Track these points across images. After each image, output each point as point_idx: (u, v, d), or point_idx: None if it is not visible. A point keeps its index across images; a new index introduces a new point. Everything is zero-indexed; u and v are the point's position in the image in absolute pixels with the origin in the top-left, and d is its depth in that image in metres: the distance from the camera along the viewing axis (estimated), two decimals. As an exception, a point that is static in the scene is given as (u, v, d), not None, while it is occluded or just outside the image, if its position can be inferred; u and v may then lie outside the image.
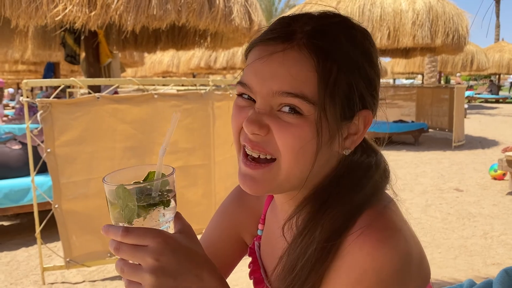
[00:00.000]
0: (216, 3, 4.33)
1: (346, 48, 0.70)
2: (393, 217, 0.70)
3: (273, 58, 0.68)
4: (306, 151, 0.69)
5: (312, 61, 0.67)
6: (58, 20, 3.93)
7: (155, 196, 0.66)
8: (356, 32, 0.73)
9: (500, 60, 22.51)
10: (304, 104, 0.67)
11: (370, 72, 0.73)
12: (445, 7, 8.65)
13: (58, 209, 3.13)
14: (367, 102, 0.73)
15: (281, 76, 0.67)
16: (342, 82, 0.68)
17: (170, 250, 0.64)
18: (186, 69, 15.50)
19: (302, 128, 0.68)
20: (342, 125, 0.71)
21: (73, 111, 3.08)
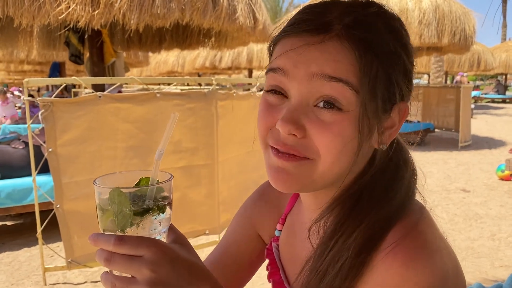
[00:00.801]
0: (220, 2, 4.30)
1: (386, 39, 0.66)
2: (428, 233, 0.64)
3: (311, 49, 0.63)
4: (347, 149, 0.64)
5: (354, 54, 0.62)
6: (61, 19, 3.91)
7: (149, 203, 0.61)
8: (394, 22, 0.69)
9: (507, 60, 22.34)
10: (347, 92, 0.62)
11: (407, 62, 0.69)
12: (451, 6, 8.57)
13: (60, 209, 3.10)
14: (404, 94, 0.69)
15: (322, 61, 0.63)
16: (383, 75, 0.64)
17: (168, 260, 0.58)
18: (191, 69, 15.49)
19: (342, 126, 0.63)
20: (380, 119, 0.66)
21: (75, 110, 3.06)
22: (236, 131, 3.99)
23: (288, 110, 0.64)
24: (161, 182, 0.63)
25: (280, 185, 0.67)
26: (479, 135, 11.34)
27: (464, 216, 4.84)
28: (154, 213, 0.61)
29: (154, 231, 0.62)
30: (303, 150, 0.64)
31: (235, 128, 3.96)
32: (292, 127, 0.63)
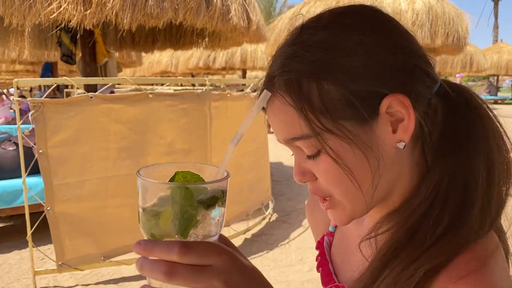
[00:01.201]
0: (214, 2, 4.27)
1: (313, 58, 0.60)
2: (497, 273, 0.55)
3: (268, 113, 0.66)
4: (346, 180, 0.62)
5: (285, 100, 0.61)
6: (52, 18, 3.85)
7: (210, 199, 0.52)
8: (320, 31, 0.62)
9: (498, 61, 22.51)
10: (307, 142, 0.62)
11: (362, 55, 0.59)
12: (444, 7, 8.61)
13: (51, 211, 3.05)
14: (383, 87, 0.60)
15: (278, 127, 0.65)
16: (330, 92, 0.59)
17: (237, 269, 0.52)
18: (184, 69, 15.43)
19: (325, 164, 0.62)
20: (368, 128, 0.60)
21: (66, 111, 3.02)
22: (230, 132, 3.96)
23: (295, 163, 0.68)
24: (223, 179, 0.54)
25: (337, 223, 0.70)
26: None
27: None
28: (219, 204, 0.53)
29: (212, 231, 0.54)
30: (320, 191, 0.67)
31: (229, 129, 3.93)
32: (299, 177, 0.67)
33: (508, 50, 23.11)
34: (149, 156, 3.34)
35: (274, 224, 4.68)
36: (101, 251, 3.27)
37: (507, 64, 22.55)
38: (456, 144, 0.62)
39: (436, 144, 0.63)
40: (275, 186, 5.79)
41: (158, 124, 3.37)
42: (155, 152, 3.36)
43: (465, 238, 0.57)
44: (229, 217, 4.04)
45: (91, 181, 3.15)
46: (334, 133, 0.60)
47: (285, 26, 9.25)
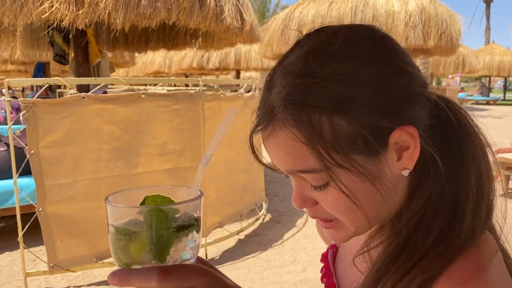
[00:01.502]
0: (207, 2, 4.26)
1: (325, 90, 0.57)
2: (494, 282, 0.55)
3: (269, 142, 0.62)
4: (355, 209, 0.61)
5: (293, 134, 0.58)
6: (44, 18, 3.83)
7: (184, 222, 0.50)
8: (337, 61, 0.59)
9: (490, 62, 22.71)
10: (316, 177, 0.61)
11: (385, 83, 0.59)
12: (437, 9, 8.65)
13: (42, 212, 3.03)
14: (393, 121, 0.59)
15: (282, 159, 0.62)
16: (342, 127, 0.57)
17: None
18: (178, 69, 15.38)
19: (335, 195, 0.61)
20: (378, 160, 0.60)
21: (58, 111, 2.99)
22: (224, 132, 3.95)
23: (294, 189, 0.66)
24: (195, 199, 0.53)
25: (337, 242, 0.74)
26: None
27: (450, 218, 4.87)
28: (191, 233, 0.51)
29: (187, 257, 0.52)
30: (322, 214, 0.66)
31: (222, 129, 3.92)
32: (299, 204, 0.65)
33: (499, 52, 23.32)
34: (141, 157, 3.32)
35: (267, 224, 4.68)
36: (93, 252, 3.25)
37: (499, 65, 22.75)
38: (447, 160, 0.62)
39: (428, 162, 0.62)
40: (269, 186, 5.79)
41: (151, 124, 3.35)
42: (148, 153, 3.35)
43: (457, 247, 0.57)
44: (223, 218, 4.03)
45: (84, 182, 3.13)
46: (345, 168, 0.58)
47: (278, 27, 9.26)
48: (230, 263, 3.70)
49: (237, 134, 4.33)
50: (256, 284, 3.33)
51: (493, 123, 4.61)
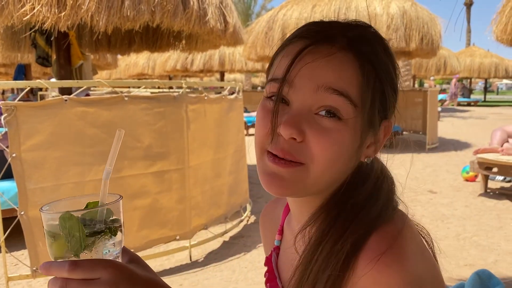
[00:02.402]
0: (191, 4, 4.27)
1: (382, 57, 0.71)
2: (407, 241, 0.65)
3: (316, 55, 0.67)
4: (341, 158, 0.68)
5: (357, 63, 0.67)
6: (25, 20, 3.80)
7: (100, 226, 0.60)
8: (388, 44, 0.75)
9: (471, 64, 23.12)
10: (347, 105, 0.66)
11: (396, 83, 0.74)
12: (418, 11, 8.80)
13: (24, 216, 3.00)
14: (391, 112, 0.75)
15: (326, 72, 0.66)
16: (379, 90, 0.70)
17: (125, 279, 0.59)
18: (162, 71, 15.33)
19: (342, 134, 0.66)
20: (372, 133, 0.72)
21: (40, 114, 2.97)
22: (210, 135, 3.96)
23: (290, 115, 0.66)
24: (109, 203, 0.62)
25: (274, 189, 0.69)
26: (445, 137, 11.66)
27: (431, 217, 4.96)
28: (106, 236, 0.60)
29: (107, 253, 0.61)
30: (299, 154, 0.67)
31: (209, 132, 3.94)
32: (294, 131, 0.65)
33: (480, 54, 23.77)
34: (126, 160, 3.32)
35: (251, 226, 4.71)
36: (76, 256, 3.22)
37: (479, 67, 23.18)
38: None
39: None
40: (253, 188, 5.81)
41: (135, 127, 3.35)
42: (132, 156, 3.34)
43: (376, 213, 0.68)
44: (208, 220, 4.04)
45: (67, 185, 3.11)
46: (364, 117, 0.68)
47: (262, 29, 9.31)
48: (214, 264, 3.71)
49: (224, 137, 4.37)
50: (241, 285, 3.35)
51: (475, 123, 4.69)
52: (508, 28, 5.78)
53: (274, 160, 0.68)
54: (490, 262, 3.71)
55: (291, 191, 0.70)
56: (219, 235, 4.23)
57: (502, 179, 6.35)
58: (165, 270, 3.60)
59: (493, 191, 6.03)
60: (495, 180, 6.38)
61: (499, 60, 23.66)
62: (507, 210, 5.22)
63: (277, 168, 0.68)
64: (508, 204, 5.45)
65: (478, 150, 5.83)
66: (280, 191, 0.69)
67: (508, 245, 4.09)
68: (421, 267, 0.63)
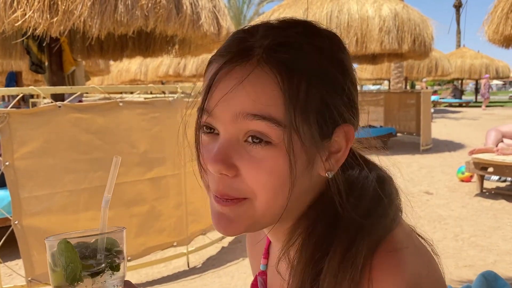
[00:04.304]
0: (184, 9, 4.25)
1: (313, 59, 0.61)
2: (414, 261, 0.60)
3: (231, 78, 0.59)
4: (284, 184, 0.60)
5: (276, 78, 0.58)
6: (17, 26, 3.75)
7: (100, 258, 0.57)
8: (323, 39, 0.65)
9: (462, 66, 23.29)
10: (272, 129, 0.58)
11: (345, 81, 0.64)
12: (410, 14, 8.85)
13: (18, 225, 2.94)
14: (345, 116, 0.64)
15: (243, 97, 0.58)
16: (314, 97, 0.60)
17: None
18: (154, 77, 15.29)
19: (276, 161, 0.59)
20: (321, 146, 0.63)
21: (33, 121, 2.92)
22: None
23: (218, 149, 0.61)
24: (111, 232, 0.60)
25: (223, 230, 0.64)
26: (439, 138, 11.70)
27: (428, 218, 4.95)
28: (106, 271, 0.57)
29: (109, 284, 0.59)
30: (236, 193, 0.61)
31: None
32: (222, 167, 0.60)
33: (470, 55, 23.96)
34: (121, 167, 3.23)
35: (249, 231, 4.66)
36: (72, 265, 3.17)
37: (470, 68, 23.36)
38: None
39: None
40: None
41: (130, 133, 3.31)
42: (128, 162, 3.30)
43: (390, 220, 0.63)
44: (206, 225, 4.00)
45: (62, 193, 3.06)
46: (300, 136, 0.59)
47: (255, 33, 9.30)
48: (212, 270, 3.67)
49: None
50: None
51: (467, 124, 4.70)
52: (500, 29, 5.82)
53: (216, 199, 0.63)
54: (489, 262, 3.70)
55: (241, 229, 0.64)
56: (217, 240, 4.19)
57: (497, 179, 6.37)
58: (162, 277, 3.55)
59: (489, 191, 6.04)
60: (490, 180, 6.40)
61: (489, 61, 23.87)
62: (503, 210, 5.23)
63: (221, 208, 0.63)
64: (505, 203, 5.46)
65: (473, 150, 5.84)
66: (229, 231, 0.64)
67: (507, 245, 4.09)
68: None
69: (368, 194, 0.66)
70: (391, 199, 0.68)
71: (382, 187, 0.68)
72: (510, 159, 5.35)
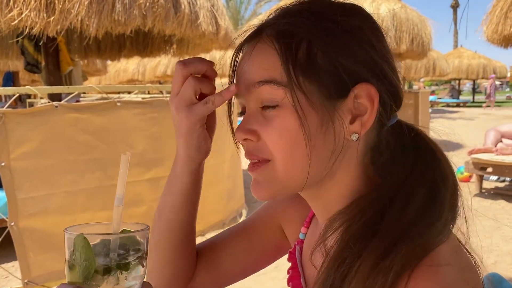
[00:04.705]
0: (182, 8, 4.22)
1: (313, 22, 0.64)
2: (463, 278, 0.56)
3: (245, 57, 0.68)
4: (298, 143, 0.62)
5: (275, 44, 0.63)
6: (13, 25, 3.71)
7: (114, 258, 0.54)
8: (322, 4, 0.67)
9: (459, 66, 23.32)
10: (275, 90, 0.62)
11: (357, 42, 0.64)
12: (408, 13, 8.83)
13: (15, 226, 2.91)
14: (363, 74, 0.63)
15: (251, 69, 0.66)
16: (317, 57, 0.62)
17: None
18: (152, 77, 15.23)
19: (284, 119, 0.62)
20: (334, 105, 0.62)
21: (30, 122, 2.89)
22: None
23: (241, 121, 0.68)
24: (134, 231, 0.57)
25: (255, 194, 0.68)
26: (437, 138, 11.68)
27: (428, 219, 4.93)
28: (125, 273, 0.54)
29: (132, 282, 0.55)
30: (259, 152, 0.66)
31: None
32: (242, 133, 0.66)
33: (468, 55, 23.99)
34: (119, 167, 3.23)
35: (248, 231, 4.64)
36: (70, 266, 3.14)
37: (468, 69, 23.39)
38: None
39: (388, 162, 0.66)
40: (248, 193, 5.75)
41: (128, 133, 3.28)
42: (126, 162, 3.26)
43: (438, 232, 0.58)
44: (206, 226, 3.97)
45: (59, 194, 3.02)
46: (305, 94, 0.61)
47: (253, 33, 9.29)
48: (211, 272, 3.63)
49: (221, 141, 4.30)
50: (239, 293, 3.28)
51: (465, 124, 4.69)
52: (499, 29, 5.80)
53: (248, 166, 0.69)
54: (490, 263, 3.68)
55: (269, 193, 0.67)
56: (215, 241, 4.16)
57: (496, 179, 6.36)
58: (161, 279, 3.51)
59: (488, 191, 6.03)
60: (489, 180, 6.39)
61: (486, 61, 23.91)
62: (503, 210, 5.21)
63: (251, 173, 0.68)
64: (504, 204, 5.44)
65: (473, 150, 5.82)
66: (259, 194, 0.68)
67: (507, 246, 4.07)
68: None
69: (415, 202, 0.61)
70: (441, 211, 0.61)
71: (435, 195, 0.63)
72: (510, 159, 5.34)
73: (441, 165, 0.68)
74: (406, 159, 0.66)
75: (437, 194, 0.63)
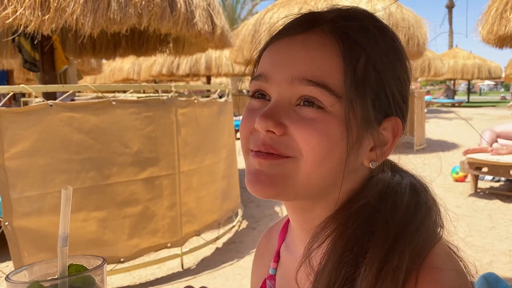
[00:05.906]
0: (178, 7, 4.19)
1: (375, 37, 0.61)
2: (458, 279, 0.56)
3: (293, 43, 0.61)
4: (333, 152, 0.59)
5: (337, 45, 0.59)
6: (8, 24, 3.68)
7: None
8: (385, 26, 0.65)
9: (454, 66, 23.41)
10: (325, 96, 0.58)
11: (401, 72, 0.64)
12: (404, 14, 8.84)
13: (9, 226, 2.88)
14: (397, 107, 0.63)
15: (301, 61, 0.59)
16: (371, 75, 0.60)
17: None
18: (147, 76, 15.17)
19: (326, 124, 0.58)
20: (371, 127, 0.61)
21: (24, 121, 2.86)
22: (201, 139, 3.88)
23: (268, 107, 0.60)
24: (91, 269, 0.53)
25: (257, 187, 0.60)
26: (432, 138, 11.73)
27: (424, 218, 4.94)
28: None
29: None
30: (283, 148, 0.59)
31: (200, 136, 3.85)
32: (270, 123, 0.58)
33: (463, 55, 24.09)
34: (114, 167, 3.21)
35: (243, 231, 4.63)
36: (64, 267, 3.11)
37: (463, 69, 23.49)
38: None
39: None
40: (243, 193, 5.74)
41: (123, 132, 3.25)
42: (121, 162, 3.24)
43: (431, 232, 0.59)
44: (201, 226, 3.96)
45: (53, 194, 2.99)
46: (353, 109, 0.58)
47: (249, 32, 9.25)
48: (207, 272, 3.62)
49: (216, 141, 4.29)
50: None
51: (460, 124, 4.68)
52: (494, 29, 5.82)
53: (257, 154, 0.60)
54: (485, 263, 3.69)
55: (276, 191, 0.60)
56: (211, 241, 4.14)
57: (491, 179, 6.38)
58: (156, 279, 3.50)
59: (483, 191, 6.05)
60: (485, 180, 6.41)
61: (481, 61, 24.01)
62: (498, 209, 5.23)
63: (259, 162, 0.60)
64: (499, 203, 5.46)
65: (468, 150, 5.84)
66: (263, 191, 0.60)
67: (502, 245, 4.08)
68: None
69: (403, 201, 0.61)
70: (428, 210, 0.63)
71: (417, 196, 0.64)
72: (505, 159, 5.36)
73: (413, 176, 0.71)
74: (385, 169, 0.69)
75: (419, 196, 0.64)
